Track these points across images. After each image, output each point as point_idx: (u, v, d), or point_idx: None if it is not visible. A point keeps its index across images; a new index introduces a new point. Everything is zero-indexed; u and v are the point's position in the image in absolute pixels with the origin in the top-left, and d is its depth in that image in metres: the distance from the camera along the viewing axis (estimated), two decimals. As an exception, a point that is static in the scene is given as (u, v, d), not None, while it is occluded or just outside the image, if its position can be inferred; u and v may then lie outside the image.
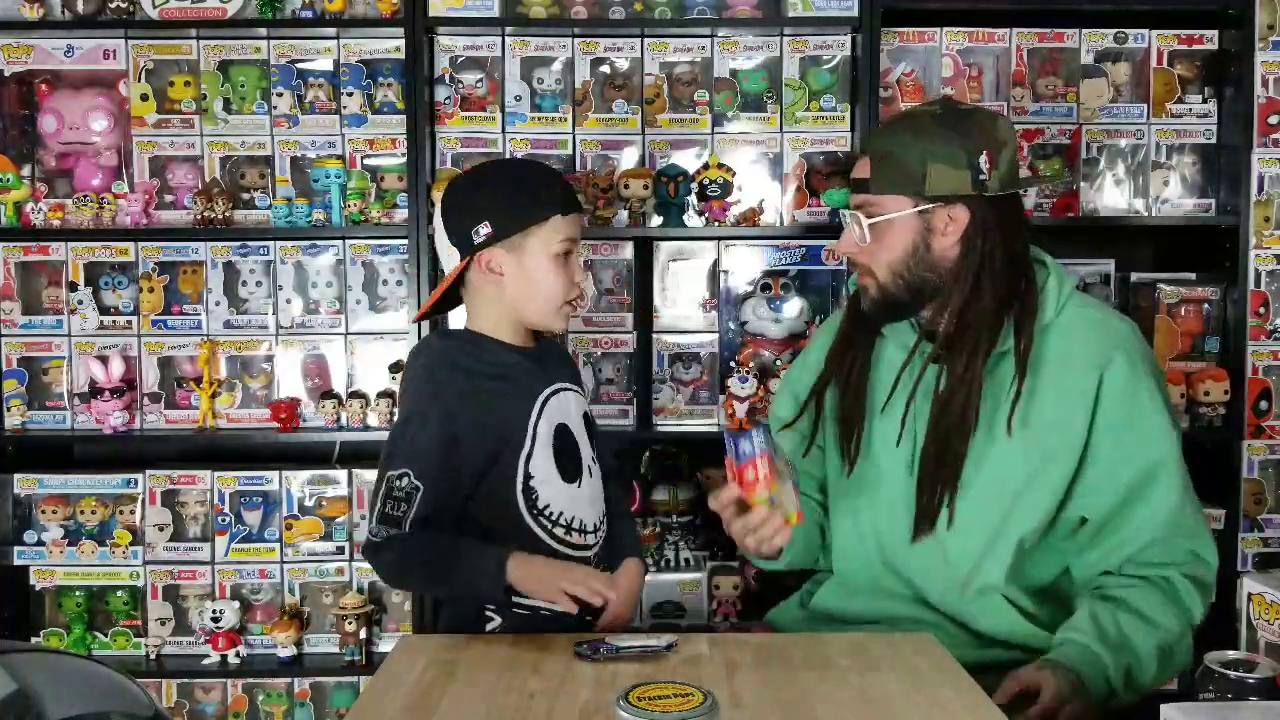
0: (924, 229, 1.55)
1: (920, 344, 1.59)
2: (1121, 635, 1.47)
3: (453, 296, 1.69)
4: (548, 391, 1.63)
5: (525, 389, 1.61)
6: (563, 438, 1.63)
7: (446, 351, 1.63)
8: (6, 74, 2.40)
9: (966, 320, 1.54)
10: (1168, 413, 1.57)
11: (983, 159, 1.53)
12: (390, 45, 2.36)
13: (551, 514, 1.60)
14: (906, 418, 1.59)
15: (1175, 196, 2.40)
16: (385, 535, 1.54)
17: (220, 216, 2.35)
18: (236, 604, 2.37)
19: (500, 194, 1.63)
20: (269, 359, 2.42)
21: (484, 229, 1.59)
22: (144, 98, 2.38)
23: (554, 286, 1.61)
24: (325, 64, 2.40)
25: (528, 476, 1.58)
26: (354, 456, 2.43)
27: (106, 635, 2.40)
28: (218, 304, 2.40)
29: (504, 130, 2.36)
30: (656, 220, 2.37)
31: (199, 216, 2.35)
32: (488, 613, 1.61)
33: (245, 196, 2.41)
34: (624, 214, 2.34)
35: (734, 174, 2.33)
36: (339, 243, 2.40)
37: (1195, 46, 2.38)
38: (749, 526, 1.42)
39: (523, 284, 1.61)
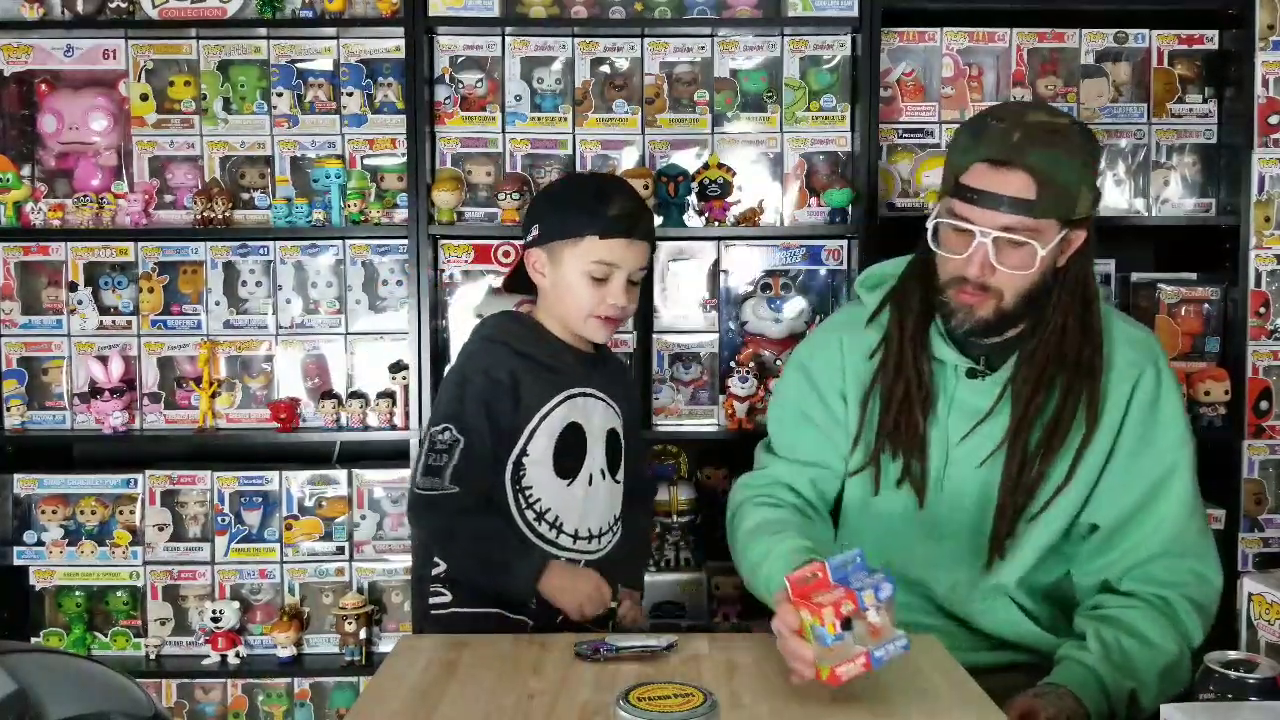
0: (1057, 252, 1.51)
1: (1003, 392, 1.55)
2: (1126, 660, 1.45)
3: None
4: (575, 390, 1.71)
5: (553, 379, 1.69)
6: (570, 436, 1.69)
7: (498, 326, 1.74)
8: (6, 74, 2.40)
9: (1064, 363, 1.52)
10: (1186, 425, 1.57)
11: (1099, 179, 1.54)
12: (390, 45, 2.36)
13: (530, 497, 1.67)
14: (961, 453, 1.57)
15: (1175, 196, 2.40)
16: (430, 487, 1.62)
17: (220, 216, 2.35)
18: (236, 604, 2.37)
19: (554, 202, 1.75)
20: (269, 359, 2.42)
21: (534, 229, 1.72)
22: (144, 98, 2.38)
23: (579, 300, 1.69)
24: (325, 64, 2.40)
25: (522, 453, 1.66)
26: (354, 457, 2.44)
27: (106, 635, 2.40)
28: (218, 304, 2.40)
29: (504, 130, 2.36)
30: (656, 220, 2.36)
31: (199, 216, 2.35)
32: (436, 588, 1.70)
33: (245, 196, 2.41)
34: (624, 214, 2.34)
35: (734, 174, 2.33)
36: (339, 243, 2.40)
37: (1195, 46, 2.37)
38: (790, 650, 1.23)
39: (555, 289, 1.71)
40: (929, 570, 1.62)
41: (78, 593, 2.40)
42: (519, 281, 1.80)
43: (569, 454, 1.69)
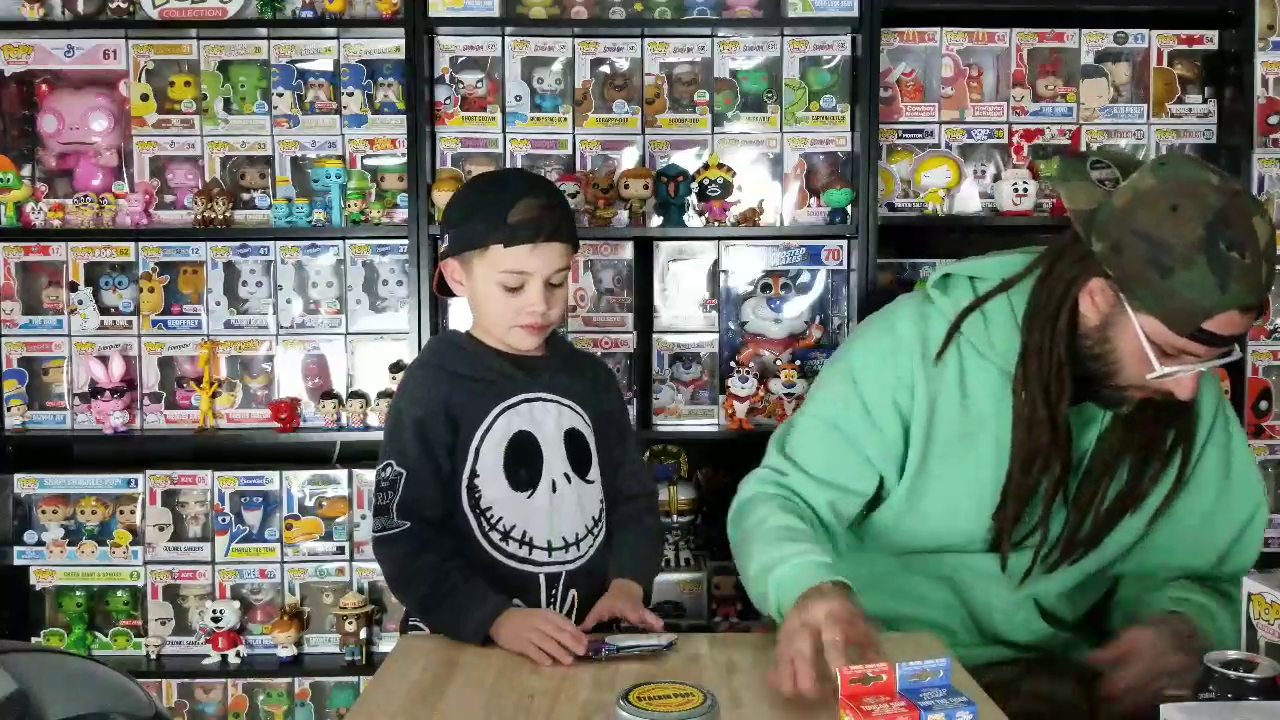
0: None
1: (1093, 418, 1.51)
2: (1221, 602, 1.49)
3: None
4: (516, 399, 1.64)
5: (487, 392, 1.63)
6: (520, 446, 1.63)
7: (431, 351, 1.73)
8: (6, 74, 2.40)
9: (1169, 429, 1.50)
10: (1254, 458, 1.58)
11: None
12: (390, 45, 2.36)
13: (492, 517, 1.61)
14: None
15: (1175, 196, 2.40)
16: (382, 528, 1.59)
17: (220, 216, 2.35)
18: (236, 604, 2.37)
19: (460, 210, 1.67)
20: (269, 359, 2.42)
21: (445, 239, 1.67)
22: (144, 98, 2.38)
23: (496, 310, 1.63)
24: (325, 64, 2.40)
25: (473, 475, 1.61)
26: (354, 456, 2.43)
27: (106, 635, 2.40)
28: (218, 304, 2.40)
29: (504, 130, 2.36)
30: (656, 220, 2.37)
31: (199, 216, 2.35)
32: (414, 621, 1.67)
33: (245, 196, 2.41)
34: (624, 214, 2.34)
35: (734, 174, 2.33)
36: (339, 243, 2.40)
37: (1195, 46, 2.38)
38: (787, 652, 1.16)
39: (472, 299, 1.67)
40: (959, 568, 1.55)
41: (78, 593, 2.40)
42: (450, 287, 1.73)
43: (522, 465, 1.62)
